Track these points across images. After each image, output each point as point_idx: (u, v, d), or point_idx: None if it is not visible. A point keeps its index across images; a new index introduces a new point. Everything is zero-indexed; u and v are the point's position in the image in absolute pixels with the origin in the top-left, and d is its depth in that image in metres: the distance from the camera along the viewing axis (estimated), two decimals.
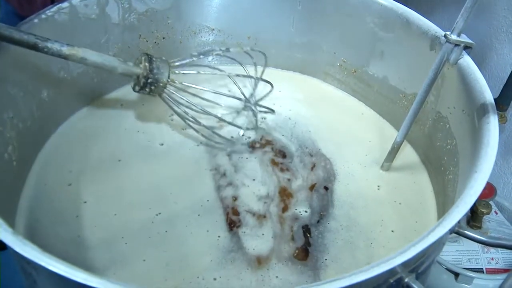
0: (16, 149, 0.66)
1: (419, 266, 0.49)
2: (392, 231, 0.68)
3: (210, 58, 0.91)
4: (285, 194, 0.70)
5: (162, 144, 0.77)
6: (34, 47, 0.59)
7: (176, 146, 0.77)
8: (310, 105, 0.86)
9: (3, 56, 0.64)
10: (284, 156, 0.76)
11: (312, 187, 0.72)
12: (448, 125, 0.69)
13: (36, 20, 0.69)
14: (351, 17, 0.81)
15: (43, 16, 0.70)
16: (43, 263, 0.40)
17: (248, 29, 0.88)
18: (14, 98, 0.66)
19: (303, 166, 0.75)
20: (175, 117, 0.80)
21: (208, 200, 0.69)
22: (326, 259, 0.63)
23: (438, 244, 0.52)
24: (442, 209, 0.68)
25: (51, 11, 0.71)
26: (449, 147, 0.68)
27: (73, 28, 0.74)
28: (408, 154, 0.78)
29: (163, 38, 0.86)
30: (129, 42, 0.83)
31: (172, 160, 0.75)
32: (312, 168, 0.75)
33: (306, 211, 0.68)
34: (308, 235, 0.65)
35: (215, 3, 0.86)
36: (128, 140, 0.77)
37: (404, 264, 0.44)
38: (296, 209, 0.68)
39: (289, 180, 0.72)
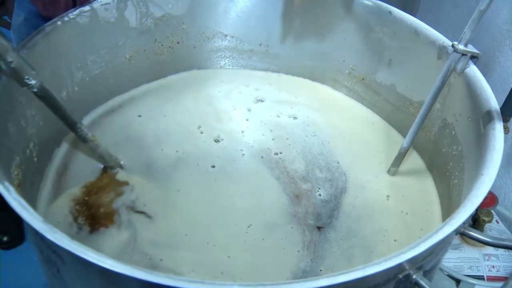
0: (37, 145, 0.68)
1: (426, 263, 0.51)
2: (395, 240, 0.69)
3: (222, 63, 0.94)
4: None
5: (213, 166, 0.77)
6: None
7: (228, 164, 0.77)
8: (326, 114, 0.88)
9: (27, 55, 0.66)
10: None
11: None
12: (454, 132, 0.71)
13: (59, 23, 0.72)
14: (360, 26, 0.84)
15: (66, 18, 0.72)
16: (72, 250, 0.42)
17: (260, 36, 0.91)
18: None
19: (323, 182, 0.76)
20: (204, 128, 0.82)
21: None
22: (321, 270, 0.64)
23: (444, 243, 0.54)
24: (447, 214, 0.70)
25: (73, 14, 0.73)
26: (454, 152, 0.70)
27: (93, 30, 0.77)
28: (414, 159, 0.81)
29: (178, 42, 0.89)
30: (145, 45, 0.86)
31: (234, 179, 0.75)
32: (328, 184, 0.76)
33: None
34: None
35: (229, 10, 0.89)
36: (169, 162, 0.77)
37: (412, 260, 0.47)
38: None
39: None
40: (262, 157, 0.79)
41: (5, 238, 1.57)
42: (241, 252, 0.65)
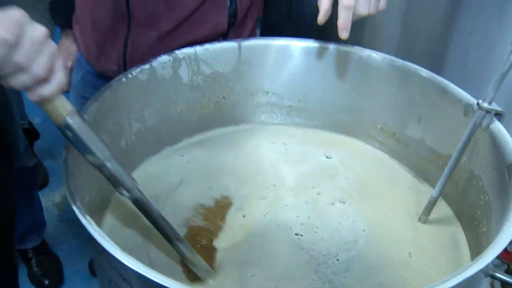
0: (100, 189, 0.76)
1: None
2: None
3: (263, 117, 1.01)
4: None
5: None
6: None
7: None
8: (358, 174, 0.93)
9: (97, 108, 0.75)
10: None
11: None
12: (480, 183, 0.77)
13: (124, 79, 0.81)
14: (392, 85, 0.91)
15: (130, 75, 0.82)
16: (150, 276, 0.48)
17: (299, 92, 0.99)
18: None
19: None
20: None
21: None
22: None
23: (472, 284, 0.58)
24: None
25: (135, 71, 0.83)
26: (482, 202, 0.76)
27: (150, 86, 0.86)
28: (442, 209, 0.85)
29: (224, 98, 0.97)
30: (194, 100, 0.94)
31: None
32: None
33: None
34: None
35: (271, 68, 0.97)
36: None
37: None
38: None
39: None
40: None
41: (46, 282, 1.64)
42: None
